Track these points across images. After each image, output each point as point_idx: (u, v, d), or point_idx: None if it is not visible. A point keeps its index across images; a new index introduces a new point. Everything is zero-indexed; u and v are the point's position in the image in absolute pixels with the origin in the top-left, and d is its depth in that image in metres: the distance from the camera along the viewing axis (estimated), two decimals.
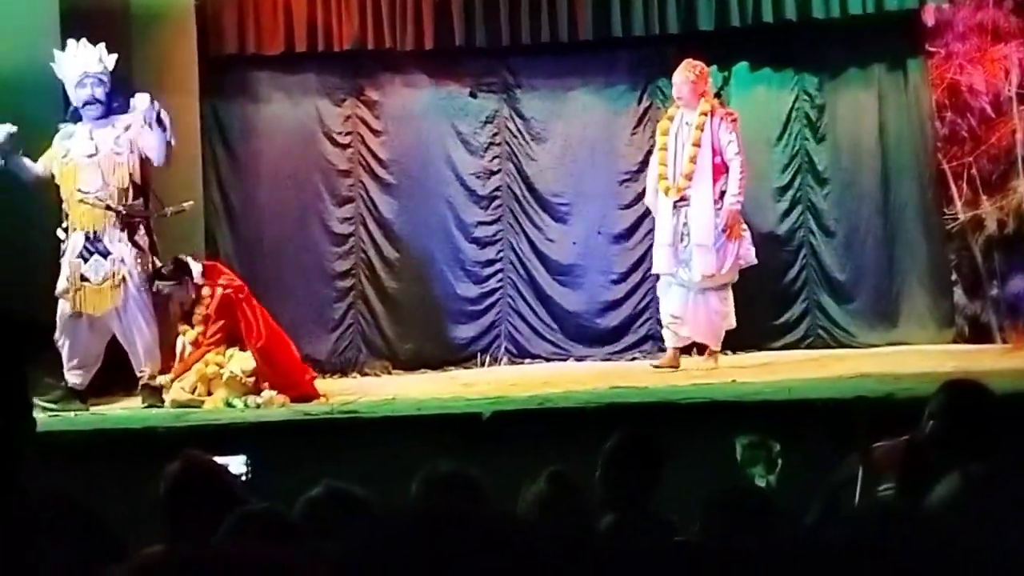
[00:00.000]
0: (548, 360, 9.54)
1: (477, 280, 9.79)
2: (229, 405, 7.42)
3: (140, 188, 7.84)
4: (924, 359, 8.13)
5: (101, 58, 7.85)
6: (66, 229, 7.79)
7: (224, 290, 7.74)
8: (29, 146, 7.79)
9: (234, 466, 4.99)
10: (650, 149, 8.88)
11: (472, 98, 9.83)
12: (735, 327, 8.43)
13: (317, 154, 9.81)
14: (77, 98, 7.84)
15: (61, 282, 7.74)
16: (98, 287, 7.72)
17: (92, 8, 8.29)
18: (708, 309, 8.23)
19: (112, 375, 8.00)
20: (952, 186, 9.07)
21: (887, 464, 3.83)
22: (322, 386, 8.13)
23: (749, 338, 9.06)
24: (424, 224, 9.78)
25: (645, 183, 8.76)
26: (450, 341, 9.69)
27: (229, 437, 6.20)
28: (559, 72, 9.80)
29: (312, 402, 7.55)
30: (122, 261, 7.72)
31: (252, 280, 8.40)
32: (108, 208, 7.69)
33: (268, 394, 7.47)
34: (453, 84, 9.81)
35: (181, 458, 3.53)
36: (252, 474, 5.38)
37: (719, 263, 8.11)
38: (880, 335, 9.27)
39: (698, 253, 8.11)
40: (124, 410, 7.69)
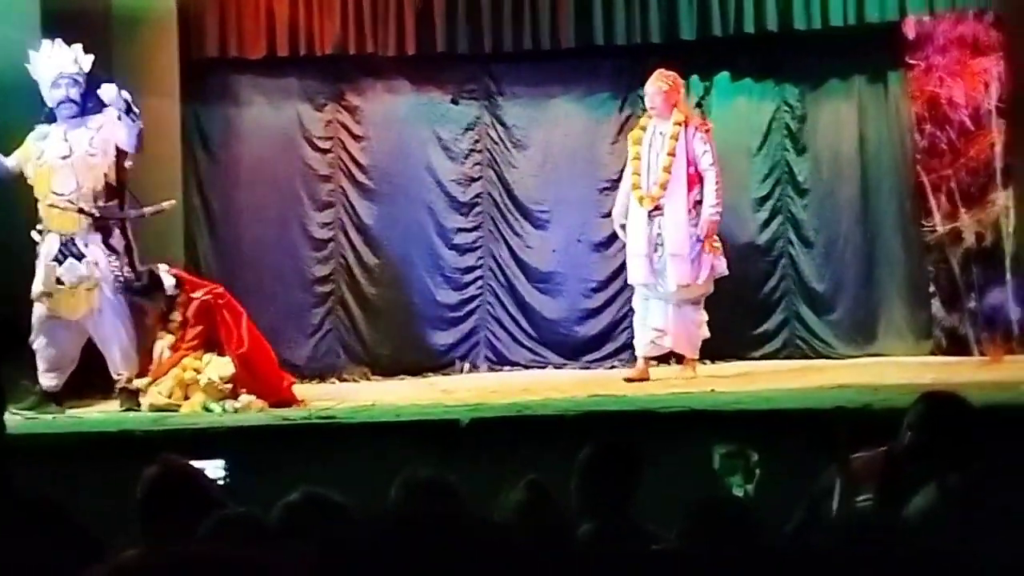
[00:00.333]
0: (527, 367, 9.54)
1: (457, 287, 9.78)
2: (206, 410, 7.38)
3: (115, 189, 7.78)
4: (902, 371, 8.15)
5: (76, 59, 7.80)
6: (41, 231, 7.74)
7: (203, 296, 7.71)
8: (11, 148, 7.75)
9: (211, 470, 4.98)
10: None
11: (454, 105, 9.83)
12: (712, 337, 8.44)
13: (297, 159, 9.79)
14: (52, 98, 7.78)
15: (36, 285, 7.69)
16: (72, 290, 7.66)
17: (73, 10, 8.26)
18: (686, 320, 8.25)
19: (89, 378, 7.96)
20: (931, 198, 9.10)
21: (865, 475, 3.84)
22: (301, 391, 8.10)
23: (728, 348, 9.09)
24: (404, 230, 9.77)
25: None
26: (429, 347, 9.68)
27: (207, 441, 6.17)
28: (541, 80, 9.81)
29: (291, 407, 7.52)
30: (96, 264, 7.66)
31: (231, 284, 8.36)
32: (81, 211, 7.64)
33: (246, 399, 7.44)
34: (435, 90, 9.81)
35: (158, 462, 3.52)
36: (230, 479, 5.36)
37: (695, 273, 8.12)
38: (858, 346, 9.29)
39: (672, 263, 8.11)
40: (101, 413, 7.65)
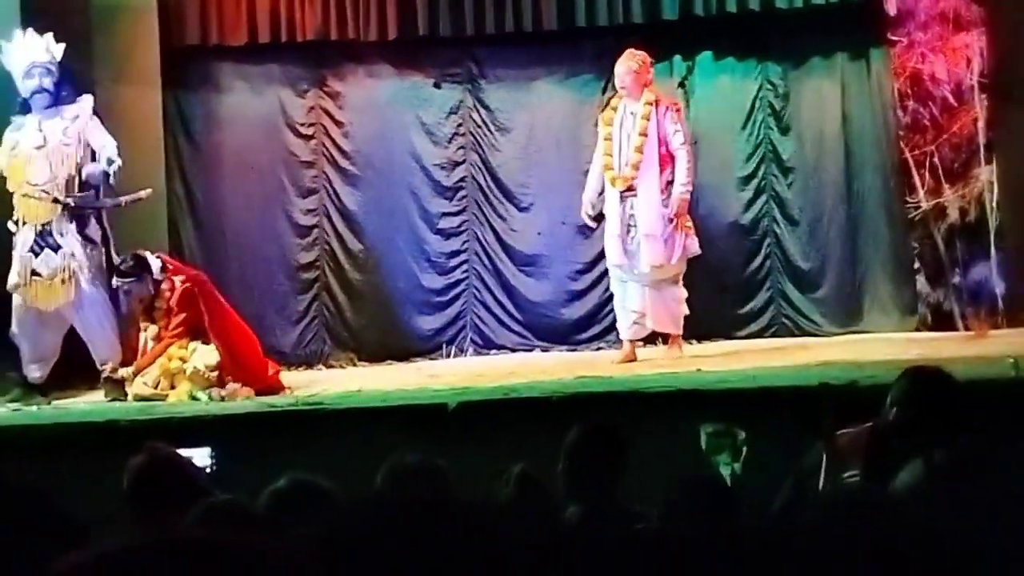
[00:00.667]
0: (514, 350, 9.54)
1: (442, 271, 9.77)
2: (193, 399, 7.37)
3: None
4: (888, 347, 8.16)
5: (48, 47, 7.75)
6: (17, 222, 7.69)
7: (185, 283, 7.67)
8: None
9: (198, 459, 4.98)
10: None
11: (436, 88, 9.80)
12: (698, 317, 8.46)
13: (280, 145, 9.76)
14: (25, 88, 7.74)
15: (11, 277, 7.66)
16: (48, 282, 7.63)
17: None
18: (664, 299, 8.23)
19: (74, 369, 7.93)
20: (915, 175, 9.11)
21: (851, 451, 3.85)
22: (287, 378, 8.10)
23: (714, 327, 9.10)
24: (388, 215, 9.75)
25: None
26: (415, 332, 9.66)
27: (193, 430, 6.16)
28: (524, 62, 9.78)
29: (277, 395, 7.50)
30: (72, 255, 7.63)
31: (215, 272, 8.35)
32: (55, 201, 7.60)
33: (232, 387, 7.43)
34: (417, 75, 9.78)
35: (145, 451, 3.52)
36: (217, 467, 5.36)
37: (668, 253, 8.11)
38: (844, 323, 9.30)
39: (646, 243, 8.10)
40: (87, 404, 7.63)
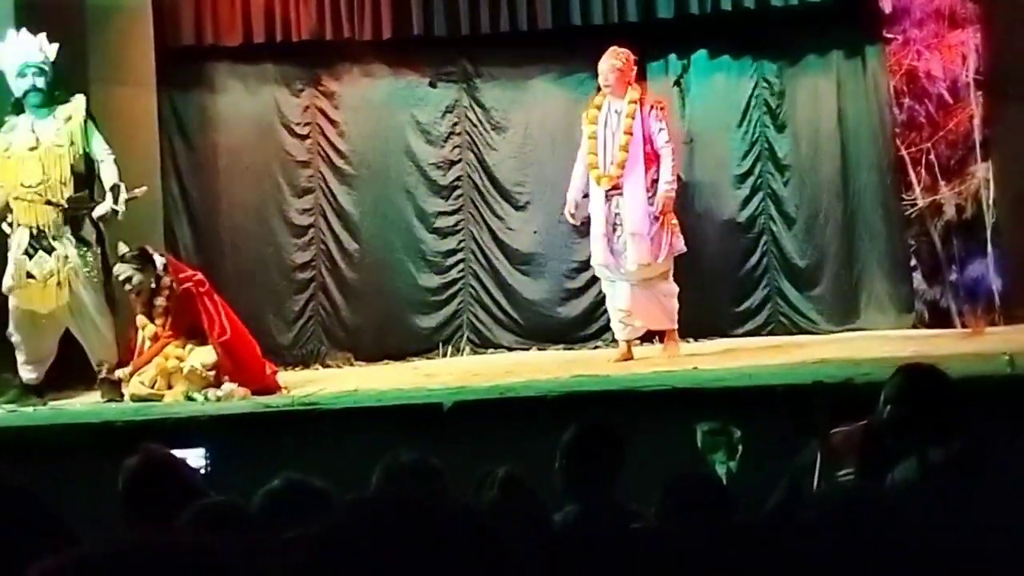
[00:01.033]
0: (510, 349, 9.54)
1: (438, 270, 9.77)
2: (189, 399, 7.36)
3: (84, 179, 7.70)
4: (884, 344, 8.15)
5: (42, 47, 7.71)
6: (11, 224, 7.67)
7: (184, 283, 7.66)
8: None
9: (193, 459, 4.97)
10: None
11: (432, 88, 9.80)
12: (695, 315, 8.45)
13: (276, 145, 9.77)
14: (17, 88, 7.70)
15: (6, 279, 7.64)
16: (43, 284, 7.59)
17: None
18: (655, 296, 8.18)
19: (70, 369, 7.92)
20: (911, 172, 9.11)
21: (846, 449, 3.85)
22: (284, 378, 8.09)
23: (711, 325, 9.10)
24: (384, 215, 9.75)
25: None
26: (412, 331, 9.66)
27: (189, 430, 6.16)
28: (519, 61, 9.78)
29: (273, 395, 7.50)
30: (66, 258, 7.60)
31: (211, 272, 8.34)
32: (48, 203, 7.57)
33: (229, 387, 7.42)
34: (412, 74, 9.78)
35: (140, 452, 3.52)
36: (214, 467, 5.35)
37: (654, 252, 8.06)
38: (840, 321, 9.30)
39: (632, 242, 8.06)
40: (83, 404, 7.62)
